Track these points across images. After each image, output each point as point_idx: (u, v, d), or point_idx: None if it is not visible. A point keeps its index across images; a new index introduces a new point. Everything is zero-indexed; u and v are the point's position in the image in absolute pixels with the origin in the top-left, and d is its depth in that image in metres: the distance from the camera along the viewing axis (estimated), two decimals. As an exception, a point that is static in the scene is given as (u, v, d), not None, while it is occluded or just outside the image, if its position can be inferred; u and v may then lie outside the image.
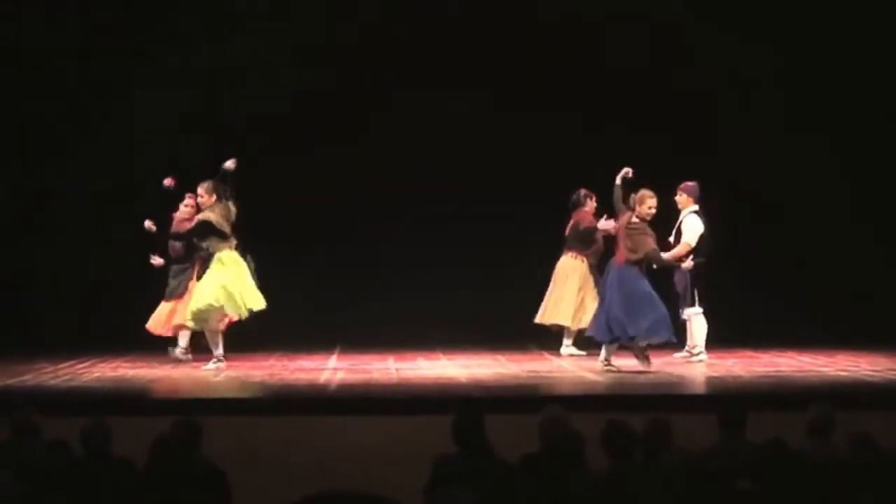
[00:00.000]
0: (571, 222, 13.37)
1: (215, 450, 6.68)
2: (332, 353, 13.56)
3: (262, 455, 8.56)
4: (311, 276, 14.95)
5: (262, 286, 12.11)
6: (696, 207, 12.57)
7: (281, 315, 14.27)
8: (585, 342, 12.94)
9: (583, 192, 13.37)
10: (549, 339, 13.64)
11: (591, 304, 12.72)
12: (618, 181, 11.78)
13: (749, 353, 13.17)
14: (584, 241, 13.37)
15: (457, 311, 14.64)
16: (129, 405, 9.76)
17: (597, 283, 12.81)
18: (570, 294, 13.34)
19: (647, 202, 11.57)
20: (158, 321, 13.08)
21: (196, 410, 8.37)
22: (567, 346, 13.44)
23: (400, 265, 15.07)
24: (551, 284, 13.51)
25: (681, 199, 12.57)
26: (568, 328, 13.40)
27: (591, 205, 13.36)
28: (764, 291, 14.40)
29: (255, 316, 12.07)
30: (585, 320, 12.74)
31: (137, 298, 13.18)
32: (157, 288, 13.08)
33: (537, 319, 13.50)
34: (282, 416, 9.44)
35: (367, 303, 14.99)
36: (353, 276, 15.17)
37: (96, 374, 11.83)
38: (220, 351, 12.14)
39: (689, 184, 12.64)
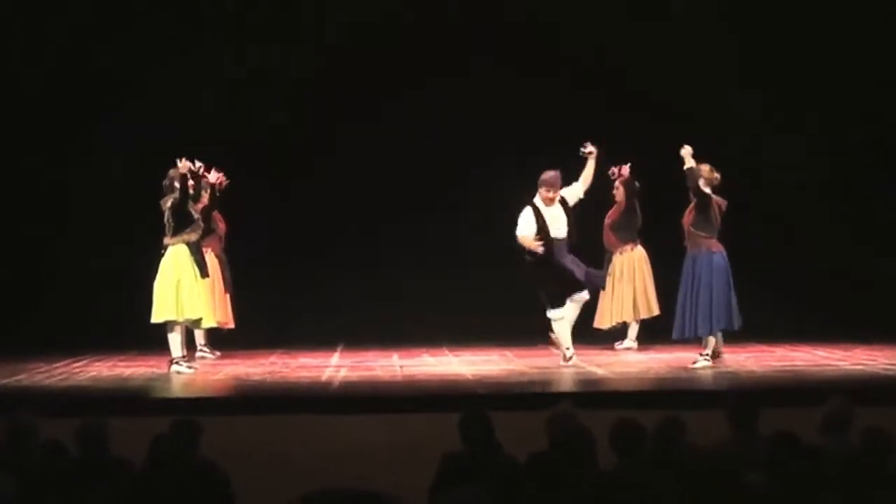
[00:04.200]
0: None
1: (216, 449, 6.62)
2: (335, 350, 13.48)
3: (264, 454, 8.51)
4: (313, 271, 14.87)
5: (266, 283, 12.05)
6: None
7: (283, 312, 14.29)
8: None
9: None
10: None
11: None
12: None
13: (763, 347, 13.09)
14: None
15: (463, 307, 14.54)
16: (127, 405, 9.66)
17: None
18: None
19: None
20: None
21: (196, 410, 8.34)
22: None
23: (404, 260, 14.99)
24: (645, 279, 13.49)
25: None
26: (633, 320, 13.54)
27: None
28: (776, 286, 14.27)
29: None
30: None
31: (134, 295, 13.03)
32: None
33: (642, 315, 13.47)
34: (284, 414, 9.40)
35: (370, 298, 14.90)
36: (356, 271, 15.09)
37: (92, 373, 11.78)
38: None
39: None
